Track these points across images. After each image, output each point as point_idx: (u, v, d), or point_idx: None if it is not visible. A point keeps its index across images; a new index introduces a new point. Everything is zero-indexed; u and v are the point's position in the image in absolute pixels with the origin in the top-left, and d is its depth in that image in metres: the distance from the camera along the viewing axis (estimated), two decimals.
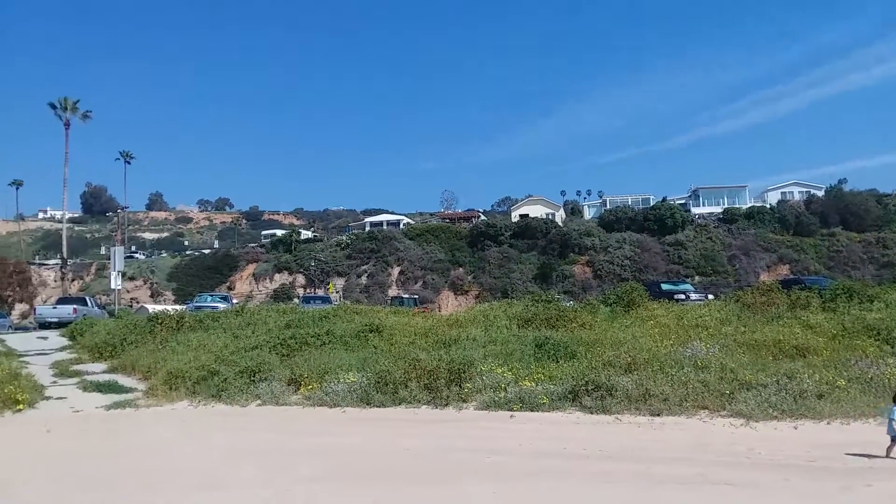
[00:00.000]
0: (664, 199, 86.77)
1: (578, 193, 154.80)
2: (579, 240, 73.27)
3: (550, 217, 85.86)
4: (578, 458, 9.09)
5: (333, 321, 20.57)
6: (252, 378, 15.00)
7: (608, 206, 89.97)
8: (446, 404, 13.01)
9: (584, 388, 12.46)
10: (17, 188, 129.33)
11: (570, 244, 73.43)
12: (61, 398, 15.15)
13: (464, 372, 13.67)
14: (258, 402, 14.12)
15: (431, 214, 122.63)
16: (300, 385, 14.45)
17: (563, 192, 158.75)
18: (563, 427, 11.18)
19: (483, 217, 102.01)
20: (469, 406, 12.90)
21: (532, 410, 12.21)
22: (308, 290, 72.61)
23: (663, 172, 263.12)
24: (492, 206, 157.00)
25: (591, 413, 11.92)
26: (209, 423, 12.69)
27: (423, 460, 9.34)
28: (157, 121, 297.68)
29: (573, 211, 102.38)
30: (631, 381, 12.45)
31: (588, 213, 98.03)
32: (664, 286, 32.75)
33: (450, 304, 68.57)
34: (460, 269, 75.74)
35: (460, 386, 13.36)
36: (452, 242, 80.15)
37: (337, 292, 67.33)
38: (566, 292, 58.93)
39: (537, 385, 13.03)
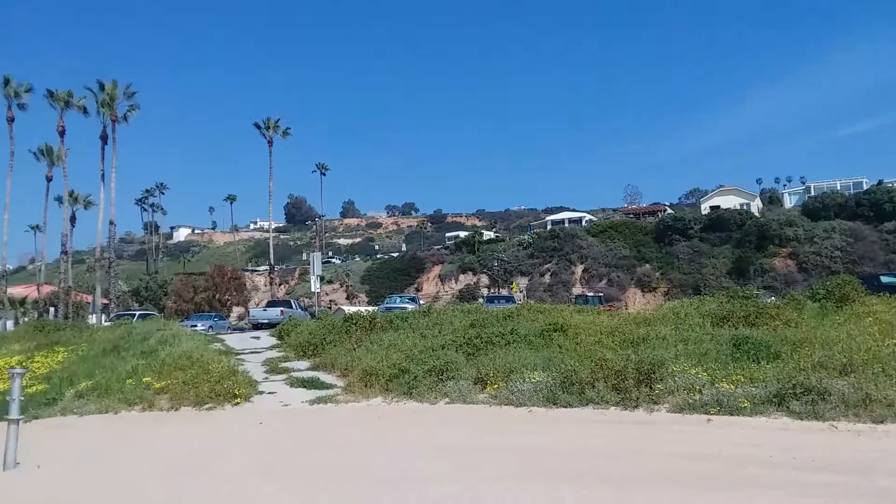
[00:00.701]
0: (880, 182, 77.67)
1: (777, 181, 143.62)
2: (780, 230, 67.72)
3: (745, 207, 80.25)
4: (788, 468, 8.28)
5: (517, 320, 20.61)
6: (440, 376, 15.39)
7: (812, 193, 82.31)
8: (636, 406, 12.50)
9: (791, 391, 11.36)
10: (231, 203, 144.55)
11: (770, 235, 68.07)
12: (272, 393, 16.51)
13: (654, 372, 13.05)
14: (446, 399, 14.45)
15: (614, 210, 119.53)
16: (486, 384, 14.59)
17: (758, 181, 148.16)
18: (768, 433, 10.27)
19: (670, 210, 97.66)
20: (661, 408, 12.29)
21: (731, 415, 11.35)
22: (492, 290, 73.68)
23: (876, 154, 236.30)
24: (679, 198, 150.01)
25: (801, 419, 10.84)
26: (401, 420, 13.20)
27: (613, 462, 9.01)
28: (348, 133, 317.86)
29: (771, 200, 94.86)
30: (848, 384, 11.17)
31: (789, 202, 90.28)
32: (884, 279, 29.24)
33: (637, 301, 66.30)
34: (647, 266, 73.02)
35: (651, 387, 12.76)
36: (638, 238, 77.53)
37: (520, 291, 67.65)
38: (766, 287, 54.66)
39: (736, 387, 12.11)
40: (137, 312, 40.74)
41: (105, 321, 41.72)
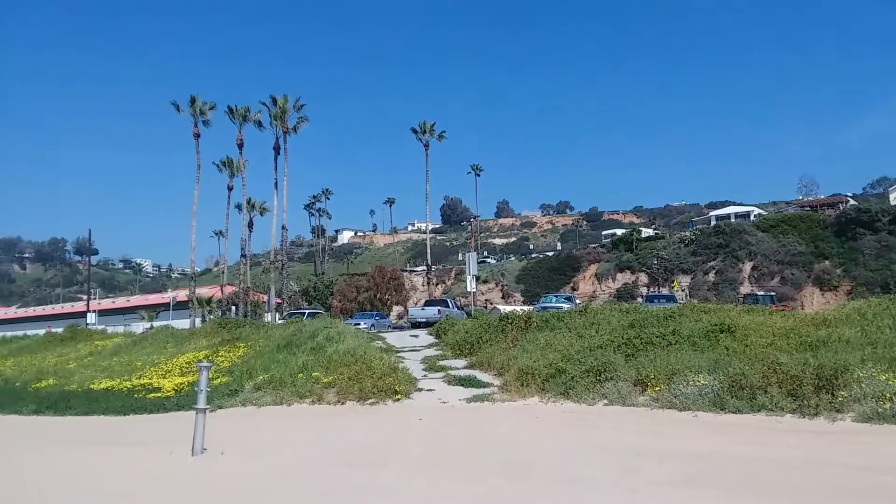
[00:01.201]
0: None
1: None
2: None
3: None
4: None
5: (679, 320, 19.69)
6: (598, 377, 15.04)
7: None
8: (815, 414, 11.50)
9: None
10: (390, 206, 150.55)
11: None
12: (430, 390, 16.92)
13: (837, 378, 11.94)
14: (605, 401, 14.10)
15: (787, 203, 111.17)
16: (647, 386, 14.07)
17: None
18: None
19: (852, 202, 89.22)
20: (845, 417, 11.22)
21: None
22: (651, 289, 71.03)
23: None
24: (863, 189, 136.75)
25: None
26: (559, 420, 13.04)
27: (788, 474, 8.33)
28: (501, 134, 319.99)
29: None
30: None
31: None
32: None
33: (814, 301, 61.17)
34: (826, 262, 67.11)
35: (833, 394, 11.69)
36: (815, 232, 71.42)
37: (682, 290, 64.68)
38: None
39: None
40: (307, 311, 43.38)
41: (279, 319, 44.79)
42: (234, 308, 54.36)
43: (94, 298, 74.53)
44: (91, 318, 56.60)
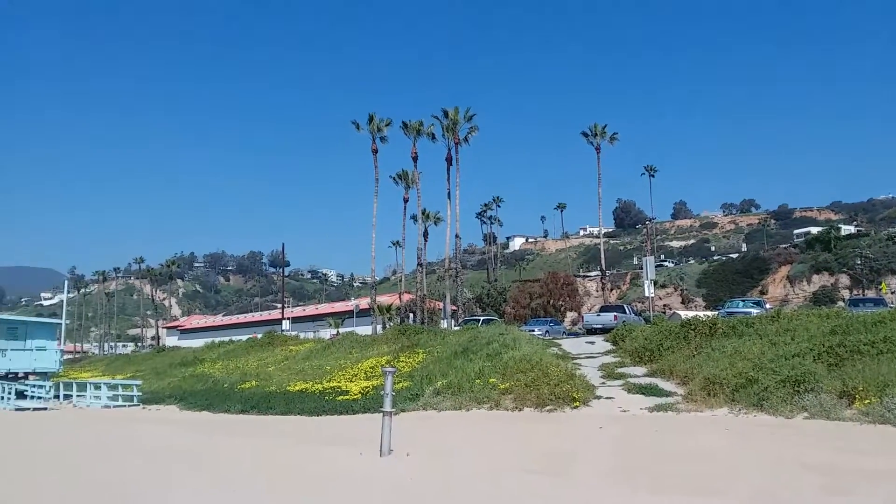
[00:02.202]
0: None
1: None
2: None
3: None
4: None
5: (891, 326, 17.62)
6: (796, 388, 13.83)
7: None
8: None
9: None
10: (561, 211, 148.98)
11: None
12: (609, 398, 16.46)
13: None
14: (804, 414, 12.93)
15: None
16: (854, 398, 12.71)
17: None
18: None
19: None
20: None
21: None
22: (855, 292, 64.43)
23: None
24: None
25: None
26: (753, 433, 12.13)
27: None
28: (678, 133, 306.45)
29: None
30: None
31: None
32: None
33: None
34: None
35: None
36: None
37: (892, 293, 58.01)
38: None
39: None
40: (481, 318, 44.04)
41: (454, 326, 45.83)
42: (411, 315, 56.45)
43: (288, 307, 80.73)
44: (286, 325, 61.32)
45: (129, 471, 11.94)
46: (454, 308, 54.36)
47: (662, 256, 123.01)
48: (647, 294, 37.60)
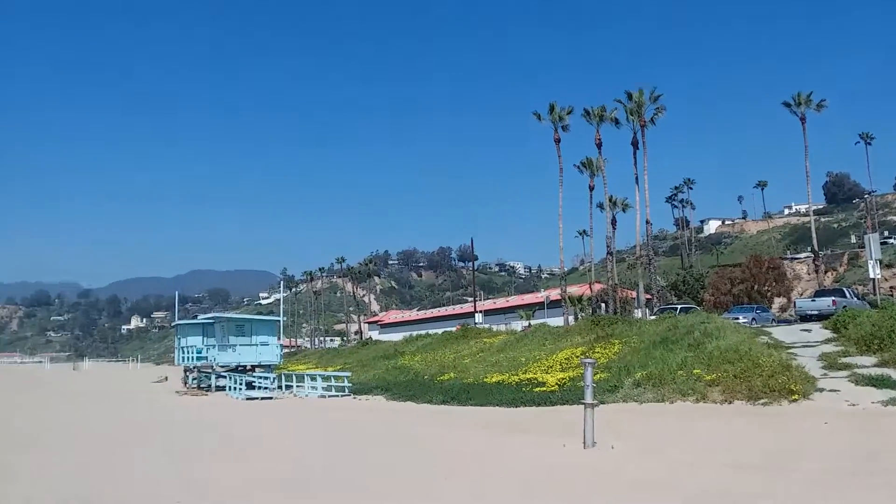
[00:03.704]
0: None
1: None
2: None
3: None
4: None
5: None
6: None
7: None
8: None
9: None
10: (762, 189, 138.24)
11: None
12: (833, 391, 14.99)
13: None
14: None
15: None
16: None
17: None
18: None
19: None
20: None
21: None
22: None
23: None
24: None
25: None
26: None
27: None
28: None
29: None
30: None
31: None
32: None
33: None
34: None
35: None
36: None
37: None
38: None
39: None
40: (679, 306, 42.04)
41: (649, 315, 44.23)
42: (603, 305, 55.30)
43: (478, 300, 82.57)
44: (478, 317, 62.76)
45: (370, 456, 12.79)
46: (648, 297, 52.50)
47: (886, 233, 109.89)
48: (871, 275, 33.85)
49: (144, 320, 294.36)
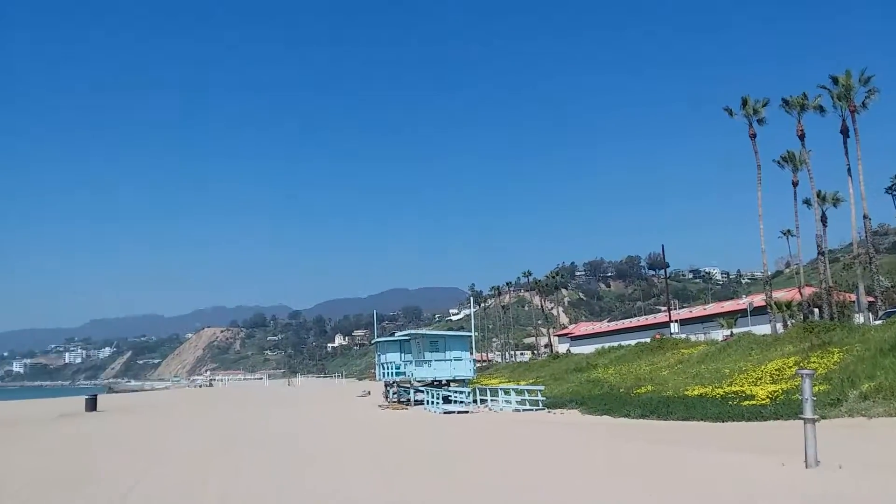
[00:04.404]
0: None
1: None
2: None
3: None
4: None
5: None
6: None
7: None
8: None
9: None
10: None
11: None
12: None
13: None
14: None
15: None
16: None
17: None
18: None
19: None
20: None
21: None
22: None
23: None
24: None
25: None
26: None
27: None
28: None
29: None
30: None
31: None
32: None
33: None
34: None
35: None
36: None
37: None
38: None
39: None
40: None
41: (873, 320, 39.74)
42: (816, 310, 50.46)
43: (673, 308, 78.91)
44: (674, 327, 60.00)
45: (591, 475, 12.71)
46: (870, 299, 47.19)
47: None
48: None
49: (346, 338, 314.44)
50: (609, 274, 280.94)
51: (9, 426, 30.72)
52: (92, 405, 41.03)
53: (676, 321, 64.36)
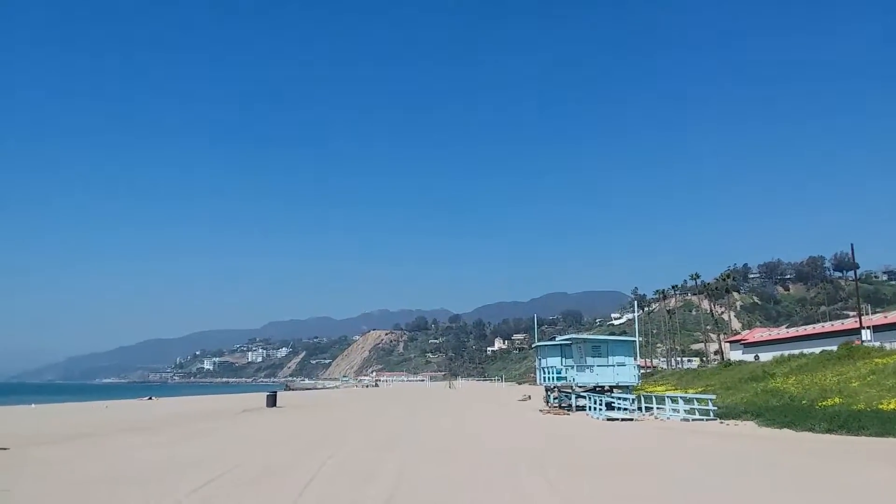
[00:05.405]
0: None
1: None
2: None
3: None
4: None
5: None
6: None
7: None
8: None
9: None
10: None
11: None
12: None
13: None
14: None
15: None
16: None
17: None
18: None
19: None
20: None
21: None
22: None
23: None
24: None
25: None
26: None
27: None
28: None
29: None
30: None
31: None
32: None
33: None
34: None
35: None
36: None
37: None
38: None
39: None
40: None
41: None
42: None
43: (866, 314, 71.64)
44: (865, 334, 54.45)
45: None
46: None
47: None
48: None
49: (506, 342, 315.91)
50: (788, 276, 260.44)
51: (210, 419, 33.84)
52: (272, 401, 44.17)
53: (868, 327, 58.33)
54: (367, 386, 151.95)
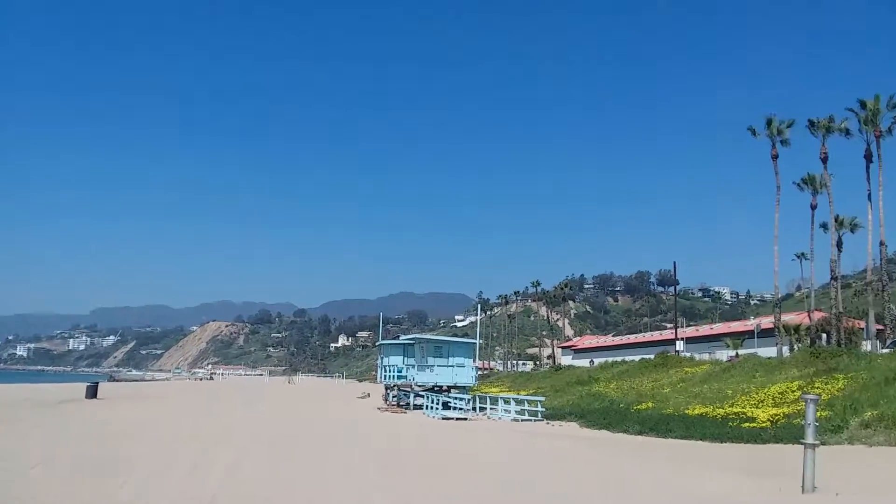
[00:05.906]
0: None
1: None
2: None
3: None
4: None
5: None
6: None
7: None
8: None
9: None
10: None
11: None
12: None
13: None
14: None
15: None
16: None
17: None
18: None
19: None
20: None
21: None
22: None
23: None
24: None
25: None
26: None
27: None
28: None
29: None
30: None
31: None
32: None
33: None
34: None
35: None
36: None
37: None
38: None
39: None
40: None
41: (881, 348, 39.33)
42: (824, 336, 49.93)
43: (681, 327, 78.38)
44: (679, 345, 59.55)
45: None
46: (880, 327, 46.76)
47: None
48: None
49: (350, 339, 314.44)
50: (618, 288, 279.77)
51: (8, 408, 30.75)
52: (93, 393, 41.07)
53: (682, 339, 63.96)
54: (201, 379, 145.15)
